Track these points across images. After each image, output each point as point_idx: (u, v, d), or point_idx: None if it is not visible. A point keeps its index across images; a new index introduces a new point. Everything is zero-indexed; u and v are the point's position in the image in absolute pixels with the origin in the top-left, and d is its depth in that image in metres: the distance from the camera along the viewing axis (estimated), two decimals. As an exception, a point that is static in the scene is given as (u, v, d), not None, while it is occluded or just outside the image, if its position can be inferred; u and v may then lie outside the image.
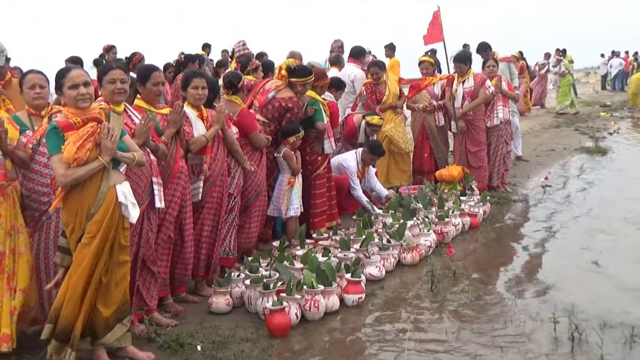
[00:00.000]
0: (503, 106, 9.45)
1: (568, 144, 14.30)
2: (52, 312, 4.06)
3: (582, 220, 8.01)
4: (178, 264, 5.28)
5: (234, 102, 6.20)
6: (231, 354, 4.44)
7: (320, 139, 6.97)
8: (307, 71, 6.81)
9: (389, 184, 9.20)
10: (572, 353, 4.30)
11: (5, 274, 4.28)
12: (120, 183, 4.10)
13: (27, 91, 4.71)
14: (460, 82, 9.03)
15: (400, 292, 5.68)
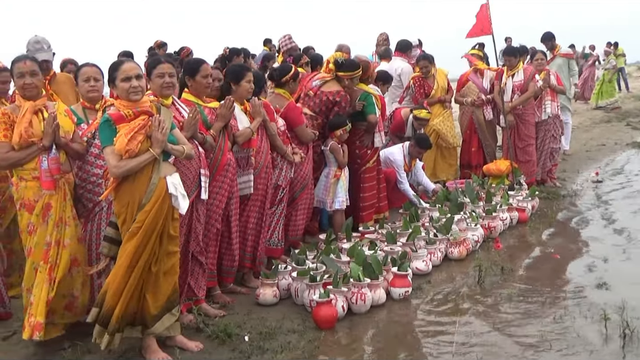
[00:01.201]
0: (551, 101, 9.32)
1: (619, 139, 13.98)
2: (98, 297, 4.14)
3: (635, 216, 7.79)
4: (225, 255, 5.32)
5: (281, 95, 6.23)
6: (278, 345, 4.45)
7: (371, 132, 6.95)
8: (355, 65, 6.80)
9: (435, 177, 9.15)
10: (622, 350, 4.20)
11: (49, 264, 4.35)
12: (171, 175, 4.14)
13: (82, 84, 4.79)
14: (509, 75, 8.91)
15: (446, 287, 5.63)
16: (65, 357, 4.31)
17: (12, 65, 4.57)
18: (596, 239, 6.87)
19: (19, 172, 4.46)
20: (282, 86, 6.29)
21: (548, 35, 11.66)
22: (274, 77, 6.35)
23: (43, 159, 4.35)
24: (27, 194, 4.43)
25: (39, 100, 4.50)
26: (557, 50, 11.99)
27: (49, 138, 4.30)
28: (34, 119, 4.41)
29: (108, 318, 4.02)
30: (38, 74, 4.55)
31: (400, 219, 7.02)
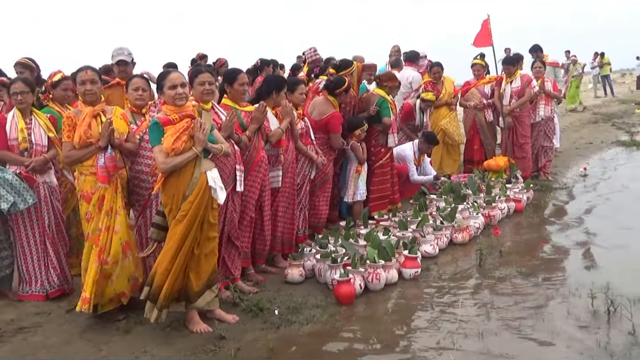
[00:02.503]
0: (545, 105, 9.28)
1: (605, 138, 13.78)
2: (149, 277, 4.17)
3: (618, 206, 7.66)
4: (258, 240, 5.34)
5: (330, 102, 6.26)
6: (304, 318, 4.45)
7: (386, 133, 6.92)
8: (349, 62, 6.84)
9: (441, 171, 9.12)
10: (608, 324, 4.14)
11: (98, 247, 4.38)
12: (210, 170, 4.15)
13: (131, 92, 4.84)
14: (508, 82, 8.85)
15: (451, 268, 5.60)
16: (120, 328, 4.34)
17: (75, 74, 4.61)
18: (584, 226, 6.77)
19: (79, 167, 4.49)
20: (334, 95, 6.30)
21: (535, 47, 11.60)
22: (329, 87, 6.35)
23: (100, 157, 4.39)
24: (86, 186, 4.46)
25: (98, 106, 4.53)
26: (545, 59, 11.91)
27: (104, 139, 4.34)
28: (92, 122, 4.44)
29: (157, 295, 4.06)
30: (97, 82, 4.58)
31: (411, 209, 6.98)
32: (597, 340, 3.87)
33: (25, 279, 4.94)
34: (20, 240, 4.89)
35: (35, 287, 4.92)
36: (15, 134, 4.82)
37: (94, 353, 3.99)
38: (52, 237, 4.96)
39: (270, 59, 9.77)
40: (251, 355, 3.93)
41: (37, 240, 4.90)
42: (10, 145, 4.80)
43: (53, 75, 5.74)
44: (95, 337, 4.23)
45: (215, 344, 4.04)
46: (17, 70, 5.99)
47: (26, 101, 4.91)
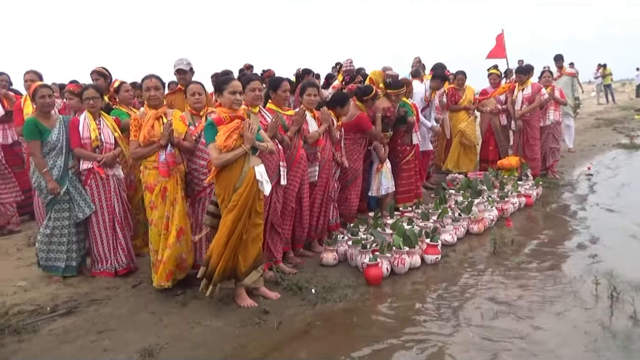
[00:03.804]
0: (554, 110, 9.14)
1: (607, 141, 13.41)
2: (205, 259, 4.21)
3: (620, 201, 7.46)
4: (297, 227, 5.33)
5: (358, 107, 6.23)
6: (337, 296, 4.44)
7: (410, 132, 6.85)
8: (400, 84, 6.76)
9: (458, 169, 9.02)
10: (610, 308, 4.03)
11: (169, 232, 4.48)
12: (258, 165, 4.16)
13: (190, 97, 4.87)
14: (520, 89, 8.69)
15: (468, 255, 5.51)
16: (178, 301, 4.39)
17: (141, 82, 4.67)
18: (588, 219, 6.61)
19: (144, 162, 4.57)
20: (362, 102, 6.26)
21: (558, 56, 11.82)
22: (357, 94, 6.32)
23: (161, 154, 4.45)
24: (149, 179, 4.53)
25: (160, 109, 4.58)
26: (563, 70, 11.72)
27: (164, 138, 4.40)
28: (155, 123, 4.50)
29: (212, 274, 4.10)
30: (160, 89, 4.64)
31: (432, 202, 6.89)
32: (600, 323, 3.78)
33: (97, 259, 5.02)
34: (92, 226, 4.98)
35: (106, 265, 5.00)
36: (87, 133, 4.89)
37: (156, 323, 4.04)
38: (120, 222, 5.03)
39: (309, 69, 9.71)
40: (291, 328, 3.93)
41: (108, 226, 4.98)
42: (83, 143, 4.88)
43: (113, 83, 5.86)
44: (157, 309, 4.28)
45: (260, 318, 4.05)
46: (92, 78, 6.09)
47: (97, 105, 4.98)
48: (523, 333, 3.72)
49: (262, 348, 3.65)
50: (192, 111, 4.87)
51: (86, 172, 4.90)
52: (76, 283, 4.83)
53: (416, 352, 3.56)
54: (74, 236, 4.94)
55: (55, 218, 4.87)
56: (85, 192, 4.92)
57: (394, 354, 3.56)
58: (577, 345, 3.51)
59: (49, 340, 3.81)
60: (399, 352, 3.57)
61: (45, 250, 4.89)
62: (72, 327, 3.99)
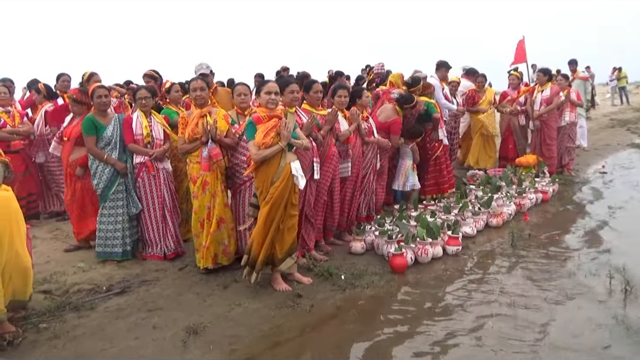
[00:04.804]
0: (570, 112, 8.90)
1: (621, 140, 13.00)
2: (247, 247, 4.23)
3: (634, 198, 7.24)
4: (328, 218, 5.30)
5: (395, 111, 6.17)
6: (365, 283, 4.42)
7: (436, 128, 6.77)
8: (418, 80, 6.76)
9: (478, 165, 8.88)
10: (624, 301, 3.92)
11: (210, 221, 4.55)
12: (293, 161, 4.16)
13: (236, 97, 4.89)
14: (539, 91, 8.48)
15: (487, 247, 5.42)
16: (220, 284, 4.43)
17: (189, 83, 4.73)
18: (602, 215, 6.42)
19: (190, 156, 4.64)
20: (401, 108, 6.21)
21: (573, 61, 11.70)
22: (399, 100, 6.25)
23: (204, 149, 4.49)
24: (192, 171, 4.60)
25: (205, 108, 4.62)
26: (576, 74, 11.44)
27: (206, 136, 4.43)
28: (200, 122, 4.54)
29: (254, 261, 4.13)
30: (205, 89, 4.68)
31: (454, 196, 6.80)
32: (614, 316, 3.67)
33: (148, 243, 5.11)
34: (144, 214, 5.05)
35: (156, 249, 5.07)
36: (140, 130, 4.96)
37: (200, 303, 4.09)
38: (170, 211, 5.09)
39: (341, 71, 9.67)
40: (322, 311, 3.93)
41: (158, 214, 5.05)
42: (136, 139, 4.95)
43: (164, 84, 5.92)
44: (200, 290, 4.33)
45: (294, 301, 4.06)
46: (144, 80, 6.17)
47: (148, 104, 5.04)
48: (538, 324, 3.64)
49: (296, 328, 3.67)
50: (237, 110, 4.89)
51: (139, 165, 4.97)
52: (129, 265, 4.91)
53: (436, 338, 3.52)
54: (127, 223, 5.02)
55: (110, 207, 4.96)
56: (136, 190, 5.01)
57: (416, 339, 3.53)
58: (590, 339, 3.41)
59: (105, 317, 3.89)
60: (421, 337, 3.54)
61: (103, 237, 4.99)
62: (125, 305, 4.07)
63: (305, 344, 3.48)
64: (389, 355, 3.33)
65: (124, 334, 3.64)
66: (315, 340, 3.53)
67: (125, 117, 5.05)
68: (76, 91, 5.47)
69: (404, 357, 3.30)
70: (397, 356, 3.32)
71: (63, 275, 4.65)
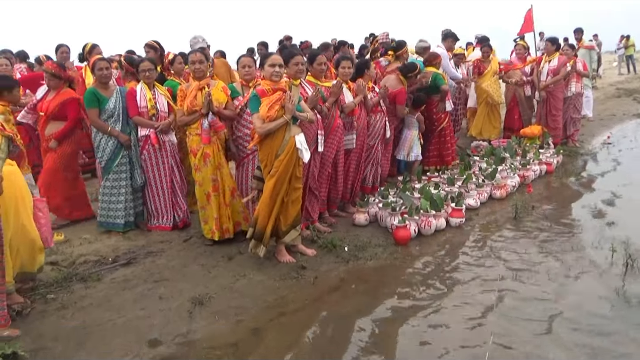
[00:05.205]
0: (576, 82, 8.73)
1: (627, 110, 12.84)
2: (252, 220, 4.26)
3: (637, 171, 7.19)
4: (333, 190, 5.30)
5: (400, 81, 6.12)
6: (368, 255, 4.47)
7: (444, 100, 6.72)
8: (403, 43, 6.80)
9: (481, 136, 8.80)
10: (624, 274, 3.94)
11: (219, 193, 4.57)
12: (298, 134, 4.14)
13: (240, 69, 4.84)
14: (546, 61, 8.36)
15: (490, 219, 5.44)
16: (224, 255, 4.47)
17: (187, 56, 4.71)
18: (606, 187, 6.40)
19: (189, 129, 4.66)
20: (405, 77, 6.15)
21: (578, 29, 11.58)
22: (403, 70, 6.19)
23: (204, 121, 4.47)
24: (192, 144, 4.61)
25: (203, 81, 4.61)
26: (581, 43, 11.26)
27: (205, 108, 4.41)
28: (198, 94, 4.53)
29: (260, 234, 4.16)
30: (204, 62, 4.66)
31: (457, 168, 6.77)
32: (615, 289, 3.71)
33: (153, 215, 5.14)
34: (150, 186, 5.07)
35: (162, 220, 5.11)
36: (144, 102, 4.92)
37: (205, 275, 4.14)
38: (178, 181, 5.12)
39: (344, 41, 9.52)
40: (326, 283, 3.99)
41: (165, 185, 5.05)
42: (140, 112, 4.92)
43: (167, 55, 5.85)
44: (205, 262, 4.37)
45: (298, 272, 4.12)
46: (145, 50, 6.09)
47: (152, 77, 4.99)
48: (541, 297, 3.68)
49: (301, 300, 3.73)
50: (242, 82, 4.84)
51: (144, 138, 4.96)
52: (134, 237, 4.95)
53: (438, 309, 3.57)
54: (130, 194, 5.04)
55: (113, 179, 4.96)
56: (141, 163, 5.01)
57: (419, 311, 3.57)
58: (591, 310, 3.45)
59: (112, 288, 3.95)
60: (424, 309, 3.59)
61: (105, 208, 5.02)
62: (132, 276, 4.12)
63: (309, 315, 3.53)
64: (391, 327, 3.37)
65: (131, 304, 3.70)
66: (320, 312, 3.58)
67: (129, 89, 5.01)
68: (54, 65, 5.30)
69: (407, 328, 3.35)
70: (400, 328, 3.36)
71: (69, 246, 4.70)
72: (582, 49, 11.25)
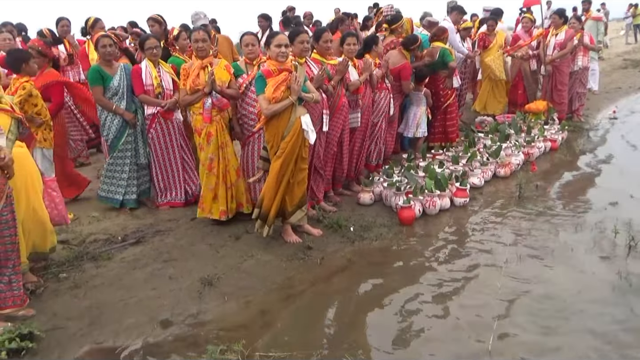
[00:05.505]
0: (583, 56, 8.68)
1: (633, 83, 12.68)
2: (258, 201, 4.30)
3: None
4: (338, 169, 5.33)
5: (403, 55, 6.10)
6: (374, 235, 4.53)
7: (451, 76, 6.69)
8: (399, 17, 6.72)
9: (485, 111, 8.75)
10: (627, 256, 4.00)
11: (221, 174, 4.59)
12: (304, 115, 4.14)
13: (244, 47, 4.80)
14: (553, 34, 8.26)
15: (495, 198, 5.48)
16: (232, 234, 4.54)
17: (190, 34, 4.68)
18: (611, 165, 6.44)
19: (192, 108, 4.67)
20: (408, 50, 6.13)
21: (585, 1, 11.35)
22: (405, 44, 6.15)
23: (206, 101, 4.47)
24: (196, 123, 4.63)
25: (206, 60, 4.59)
26: (589, 14, 11.07)
27: (208, 86, 4.40)
28: (201, 73, 4.52)
29: (265, 215, 4.21)
30: (207, 41, 4.64)
31: (462, 145, 6.79)
32: (618, 271, 3.76)
33: (162, 191, 5.20)
34: (158, 162, 5.12)
35: (172, 196, 5.19)
36: (150, 80, 4.92)
37: (213, 254, 4.21)
38: (188, 156, 5.21)
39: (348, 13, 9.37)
40: (333, 264, 4.06)
41: (174, 162, 5.14)
42: (146, 90, 4.92)
43: (172, 31, 5.80)
44: (213, 241, 4.44)
45: (304, 253, 4.18)
46: (149, 24, 6.04)
47: (158, 54, 4.98)
48: (543, 278, 3.75)
49: (308, 281, 3.81)
50: (246, 60, 4.82)
51: (151, 116, 4.98)
52: (142, 215, 5.02)
53: (444, 291, 3.65)
54: (134, 172, 5.09)
55: (118, 157, 5.01)
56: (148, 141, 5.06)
57: (425, 292, 3.65)
58: (593, 293, 3.52)
59: (122, 267, 4.03)
60: (429, 290, 3.67)
61: (107, 183, 5.10)
62: (141, 256, 4.20)
63: (317, 297, 3.61)
64: (400, 309, 3.45)
65: (142, 284, 3.78)
66: (327, 293, 3.66)
67: (134, 67, 4.99)
68: (40, 42, 5.19)
69: (414, 310, 3.43)
70: (408, 309, 3.44)
71: (79, 224, 4.77)
72: (589, 20, 11.08)
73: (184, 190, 5.21)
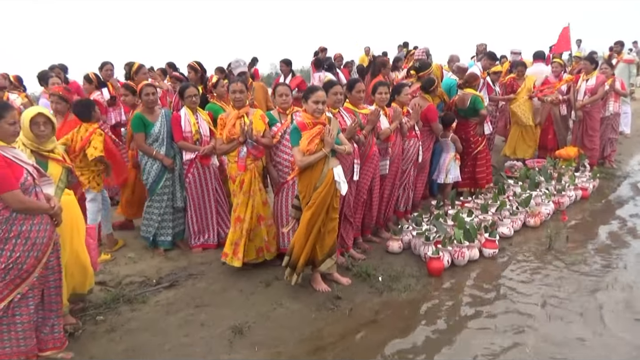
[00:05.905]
0: (614, 101, 8.65)
1: (669, 126, 12.51)
2: (289, 249, 4.41)
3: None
4: (367, 215, 5.41)
5: (426, 99, 6.22)
6: (402, 286, 4.55)
7: (482, 123, 6.77)
8: (428, 64, 6.76)
9: (515, 155, 8.76)
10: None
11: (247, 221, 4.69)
12: (336, 167, 4.26)
13: (278, 98, 4.99)
14: (584, 80, 8.28)
15: (524, 249, 5.45)
16: (262, 281, 4.64)
17: (229, 85, 4.88)
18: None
19: (229, 156, 4.87)
20: (428, 93, 6.26)
21: (618, 42, 11.52)
22: (424, 88, 6.28)
23: (242, 149, 4.64)
24: (231, 171, 4.81)
25: (242, 110, 4.77)
26: (621, 57, 11.07)
27: (243, 136, 4.57)
28: (237, 123, 4.69)
29: (295, 263, 4.31)
30: (244, 92, 4.83)
31: (492, 191, 6.79)
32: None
33: (196, 234, 5.38)
34: (194, 205, 5.32)
35: (208, 238, 5.38)
36: (189, 127, 5.14)
37: (244, 301, 4.32)
38: (222, 200, 5.42)
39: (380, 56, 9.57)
40: (361, 315, 4.10)
41: (209, 205, 5.35)
42: (185, 136, 5.14)
43: (211, 78, 6.05)
44: (244, 287, 4.55)
45: (333, 303, 4.24)
46: (188, 71, 6.31)
47: (197, 102, 5.21)
48: (573, 341, 3.71)
49: (337, 333, 3.85)
50: (279, 109, 5.00)
51: (189, 162, 5.19)
52: (176, 257, 5.18)
53: (471, 351, 3.65)
54: (170, 215, 5.28)
55: (155, 200, 5.22)
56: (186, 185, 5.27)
57: (453, 347, 3.66)
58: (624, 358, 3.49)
59: (157, 311, 4.17)
60: (457, 346, 3.68)
61: (146, 225, 5.33)
62: (174, 300, 4.33)
63: (346, 350, 3.66)
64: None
65: (175, 330, 3.90)
66: (356, 346, 3.70)
67: (174, 114, 5.23)
68: (61, 88, 5.26)
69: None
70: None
71: (115, 265, 4.95)
72: (621, 63, 11.07)
73: (217, 233, 5.38)
